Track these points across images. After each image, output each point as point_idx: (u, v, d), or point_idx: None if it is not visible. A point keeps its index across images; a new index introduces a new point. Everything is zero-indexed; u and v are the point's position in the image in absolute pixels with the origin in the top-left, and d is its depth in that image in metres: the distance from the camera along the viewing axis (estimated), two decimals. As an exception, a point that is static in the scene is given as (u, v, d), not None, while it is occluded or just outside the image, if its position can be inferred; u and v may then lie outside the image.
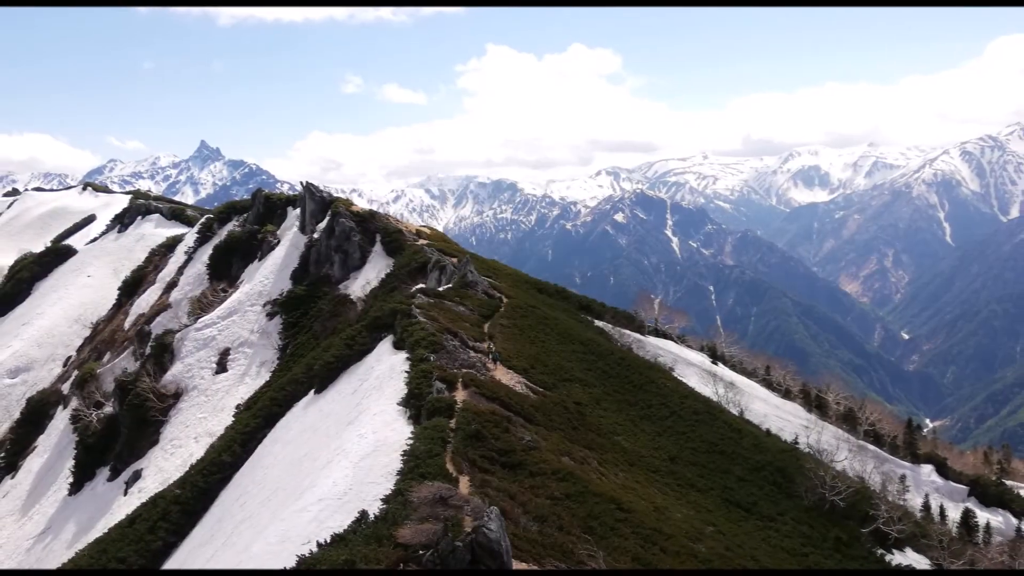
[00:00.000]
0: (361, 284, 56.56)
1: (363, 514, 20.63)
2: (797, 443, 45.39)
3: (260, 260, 65.87)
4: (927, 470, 53.14)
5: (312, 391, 39.73)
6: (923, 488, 50.14)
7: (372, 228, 61.80)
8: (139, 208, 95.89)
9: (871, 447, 52.51)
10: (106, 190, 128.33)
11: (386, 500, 21.11)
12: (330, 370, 39.39)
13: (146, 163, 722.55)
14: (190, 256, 72.17)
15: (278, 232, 68.41)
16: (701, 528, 27.88)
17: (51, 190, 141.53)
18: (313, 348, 49.71)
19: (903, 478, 49.13)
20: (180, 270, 71.10)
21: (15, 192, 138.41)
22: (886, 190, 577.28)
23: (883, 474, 46.87)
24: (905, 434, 58.55)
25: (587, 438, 32.01)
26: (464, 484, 22.56)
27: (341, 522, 21.25)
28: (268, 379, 52.22)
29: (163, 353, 57.63)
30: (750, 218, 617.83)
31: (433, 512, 18.06)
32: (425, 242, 59.79)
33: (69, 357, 73.52)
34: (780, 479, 37.34)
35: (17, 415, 66.01)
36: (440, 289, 47.05)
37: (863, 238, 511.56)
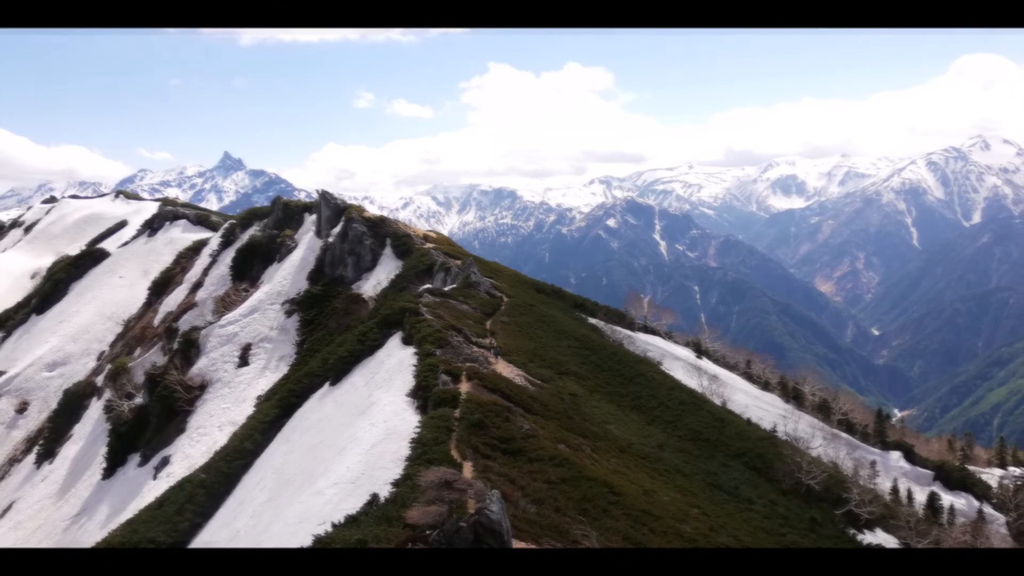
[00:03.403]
0: (372, 284, 56.53)
1: (374, 497, 20.62)
2: (775, 431, 45.35)
3: (279, 262, 65.84)
4: (895, 456, 53.07)
5: (327, 383, 39.69)
6: (892, 473, 50.09)
7: (383, 232, 61.78)
8: (167, 214, 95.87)
9: (844, 435, 52.46)
10: (137, 197, 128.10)
11: (396, 484, 21.10)
12: (344, 364, 39.34)
13: (174, 172, 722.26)
14: (214, 258, 72.13)
15: (296, 236, 68.38)
16: (687, 510, 27.86)
17: (86, 197, 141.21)
18: (328, 343, 49.61)
19: (873, 464, 49.09)
20: (205, 271, 71.06)
21: (53, 199, 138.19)
22: (858, 197, 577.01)
23: (855, 460, 46.84)
24: (875, 423, 58.48)
25: (581, 427, 31.99)
26: (468, 469, 22.54)
27: (354, 504, 21.24)
28: (286, 372, 52.15)
29: (189, 348, 57.59)
30: (732, 223, 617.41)
31: (439, 495, 18.04)
32: (431, 246, 59.77)
33: (102, 352, 73.49)
34: (760, 465, 37.33)
35: (55, 406, 66.00)
36: (445, 289, 47.04)
37: (836, 242, 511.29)
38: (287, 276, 62.46)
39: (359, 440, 27.11)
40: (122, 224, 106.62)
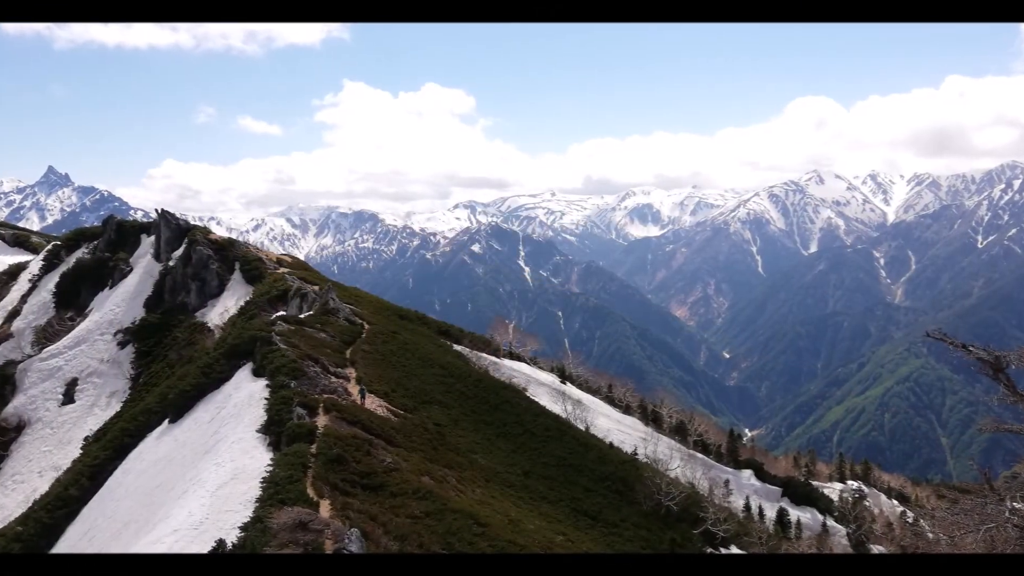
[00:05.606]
0: (219, 312, 53.70)
1: (220, 543, 19.35)
2: (636, 454, 47.09)
3: (111, 288, 61.11)
4: (747, 474, 56.54)
5: (167, 420, 37.09)
6: (744, 490, 53.30)
7: (231, 256, 58.95)
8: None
9: (699, 455, 55.32)
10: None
11: (244, 528, 19.92)
12: (186, 399, 36.94)
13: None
14: (35, 284, 65.85)
15: (131, 260, 63.76)
16: (552, 537, 28.21)
17: None
18: (168, 377, 46.49)
19: (727, 482, 52.07)
20: (23, 298, 64.68)
21: None
22: (708, 227, 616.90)
23: (710, 479, 49.52)
24: (728, 443, 62.17)
25: (446, 457, 31.72)
26: (325, 508, 21.71)
27: (197, 552, 19.85)
28: (119, 410, 48.29)
29: (4, 385, 52.18)
30: (593, 250, 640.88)
31: (293, 537, 17.23)
32: (286, 270, 57.68)
33: None
34: (622, 488, 38.55)
35: None
36: (301, 316, 45.42)
37: (689, 269, 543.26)
38: (120, 303, 58.13)
39: (203, 482, 25.45)
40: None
